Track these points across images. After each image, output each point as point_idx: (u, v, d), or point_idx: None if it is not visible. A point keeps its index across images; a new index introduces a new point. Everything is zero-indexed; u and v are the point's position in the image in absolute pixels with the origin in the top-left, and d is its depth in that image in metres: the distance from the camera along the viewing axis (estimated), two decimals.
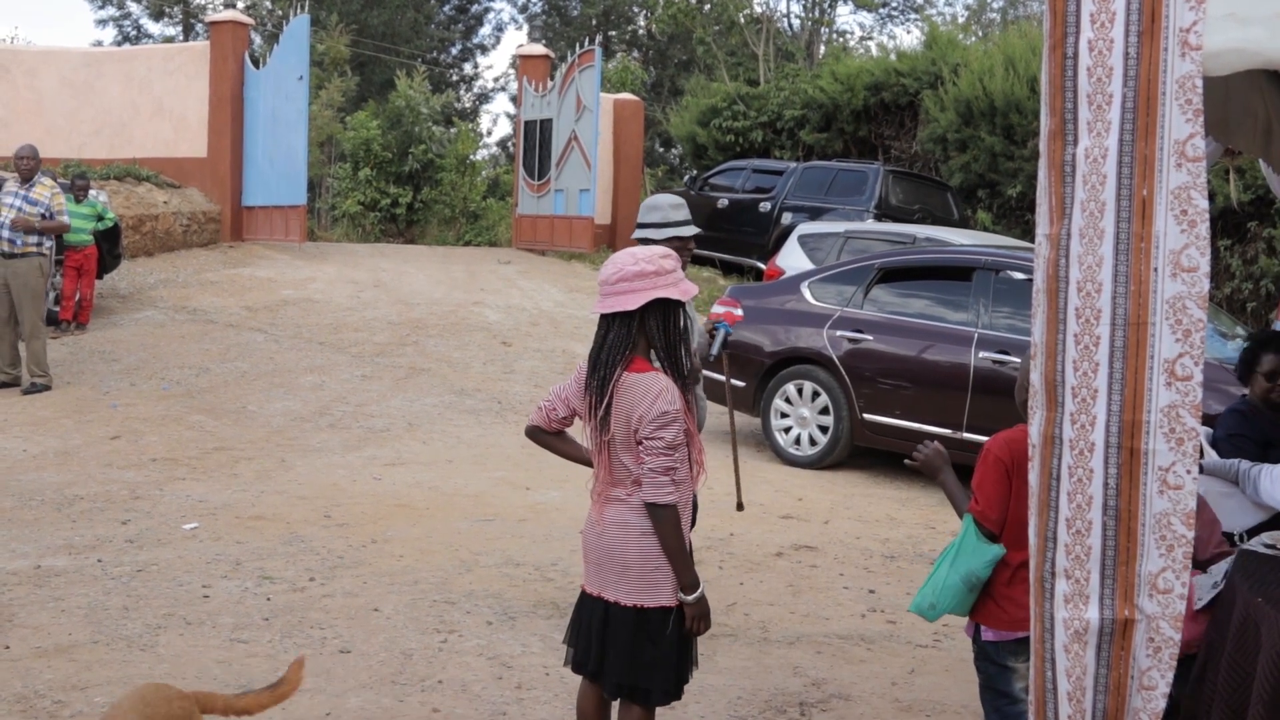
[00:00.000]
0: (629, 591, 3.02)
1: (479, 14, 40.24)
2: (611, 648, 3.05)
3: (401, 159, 21.60)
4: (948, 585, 3.07)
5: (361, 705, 3.98)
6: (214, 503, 6.45)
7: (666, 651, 3.03)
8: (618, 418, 3.00)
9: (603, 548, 3.07)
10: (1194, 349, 2.55)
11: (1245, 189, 12.30)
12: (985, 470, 3.07)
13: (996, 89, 15.93)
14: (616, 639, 3.04)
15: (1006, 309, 7.52)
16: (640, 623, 3.02)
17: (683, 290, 3.02)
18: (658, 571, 3.00)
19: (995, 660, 3.12)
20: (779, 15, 25.77)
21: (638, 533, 3.01)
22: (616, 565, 3.04)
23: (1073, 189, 2.62)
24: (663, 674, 3.04)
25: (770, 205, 15.48)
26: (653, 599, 3.01)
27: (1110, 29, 2.56)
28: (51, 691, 3.94)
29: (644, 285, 2.98)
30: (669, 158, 31.29)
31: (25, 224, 8.90)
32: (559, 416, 3.21)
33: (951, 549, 3.11)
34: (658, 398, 2.93)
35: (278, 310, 12.61)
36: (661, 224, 4.33)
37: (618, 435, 3.01)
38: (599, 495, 3.10)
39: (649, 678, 3.04)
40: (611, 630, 3.06)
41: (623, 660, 3.04)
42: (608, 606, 3.06)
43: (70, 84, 16.43)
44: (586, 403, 3.07)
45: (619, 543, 3.03)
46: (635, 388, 2.97)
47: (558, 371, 10.76)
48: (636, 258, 3.01)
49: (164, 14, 36.28)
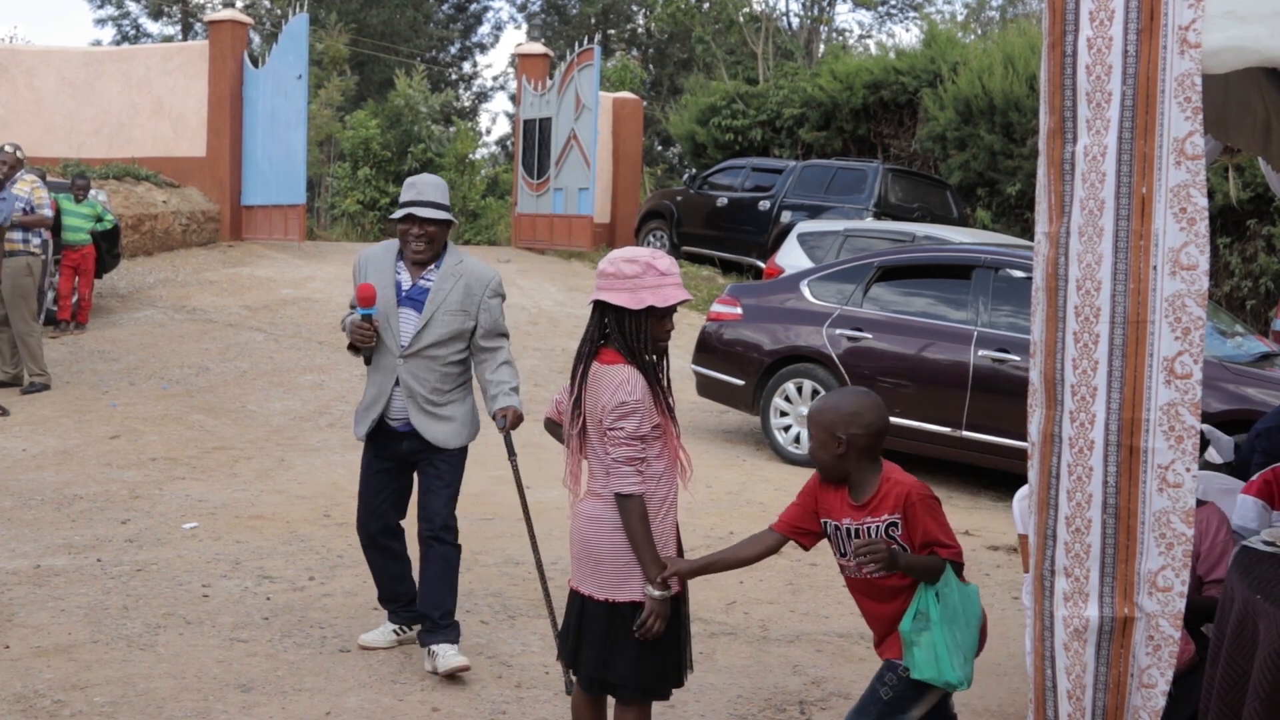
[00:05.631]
0: (601, 586, 3.03)
1: (478, 13, 40.22)
2: (585, 641, 3.06)
3: (401, 158, 21.61)
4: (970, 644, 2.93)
5: (361, 704, 3.98)
6: (213, 502, 6.45)
7: (638, 646, 3.00)
8: (589, 409, 3.03)
9: (578, 541, 3.08)
10: (1193, 347, 2.56)
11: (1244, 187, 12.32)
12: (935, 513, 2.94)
13: (995, 87, 15.93)
14: (589, 632, 3.05)
15: (1006, 307, 7.52)
16: (612, 617, 3.01)
17: (637, 299, 2.97)
18: (629, 566, 2.99)
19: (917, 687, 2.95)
20: (778, 14, 25.77)
21: (610, 527, 3.01)
22: (591, 559, 3.05)
23: (1072, 187, 2.62)
24: (634, 669, 3.02)
25: (769, 204, 15.48)
26: (624, 594, 3.01)
27: (1109, 27, 2.56)
28: (51, 691, 3.94)
29: (620, 284, 2.99)
30: (668, 156, 31.30)
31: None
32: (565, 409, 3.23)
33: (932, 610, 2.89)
34: (618, 388, 2.95)
35: (277, 309, 12.61)
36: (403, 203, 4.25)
37: (590, 426, 3.03)
38: (573, 488, 3.12)
39: (619, 672, 3.03)
40: (585, 623, 3.06)
41: (595, 654, 3.04)
42: (583, 600, 3.07)
43: (69, 83, 16.42)
44: (571, 389, 3.11)
45: (592, 537, 3.04)
46: (601, 378, 3.01)
47: (557, 370, 10.76)
48: (614, 257, 3.04)
49: (163, 13, 36.27)
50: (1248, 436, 4.41)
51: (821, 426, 2.99)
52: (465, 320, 4.25)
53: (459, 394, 4.32)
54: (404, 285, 4.27)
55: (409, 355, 4.22)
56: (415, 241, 4.22)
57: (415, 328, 4.22)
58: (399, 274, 4.29)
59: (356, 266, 4.37)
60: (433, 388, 4.24)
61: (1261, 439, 4.41)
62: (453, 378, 4.29)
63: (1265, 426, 4.51)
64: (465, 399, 4.35)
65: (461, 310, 4.24)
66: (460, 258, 4.33)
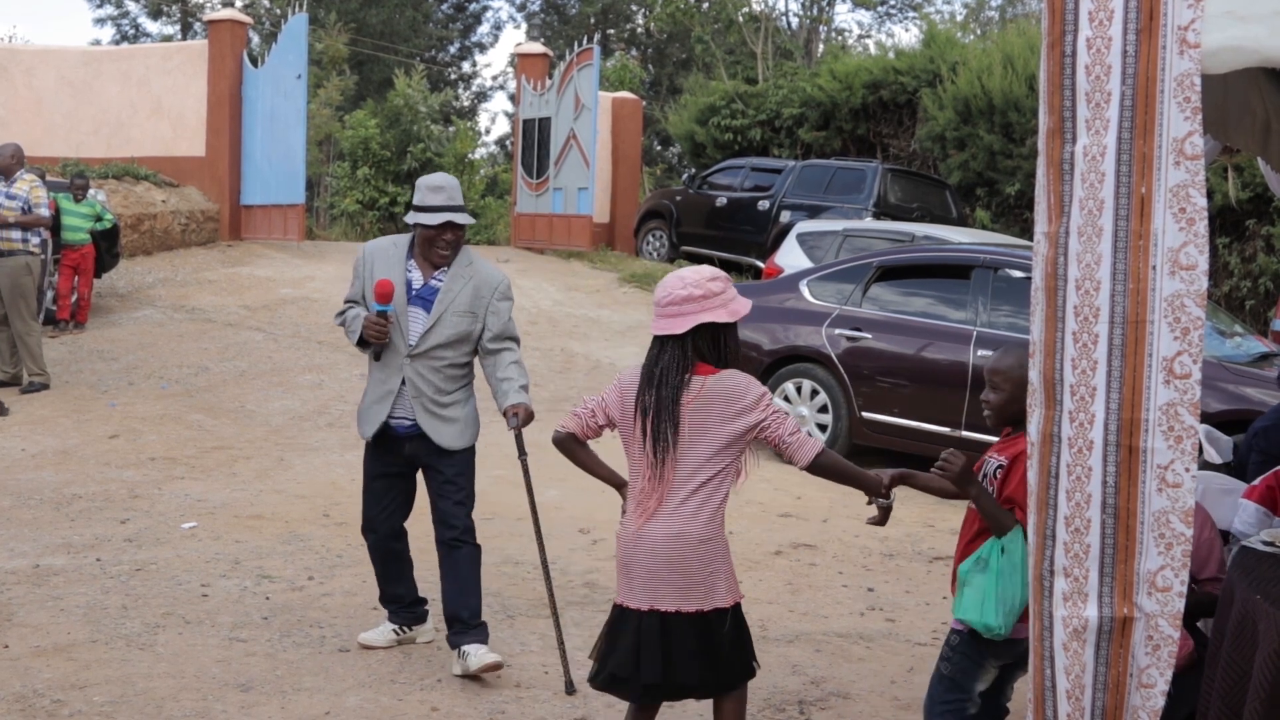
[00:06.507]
0: (692, 599, 3.09)
1: (477, 12, 40.21)
2: (680, 655, 3.10)
3: (400, 157, 21.59)
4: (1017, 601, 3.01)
5: (361, 704, 3.98)
6: (213, 502, 6.45)
7: (736, 639, 3.17)
8: (698, 422, 3.08)
9: (654, 561, 3.09)
10: (1192, 347, 2.55)
11: (1244, 187, 12.32)
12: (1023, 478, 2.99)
13: (995, 87, 15.94)
14: (682, 646, 3.09)
15: (1005, 307, 7.52)
16: (704, 625, 3.10)
17: (731, 311, 3.12)
18: (714, 576, 3.11)
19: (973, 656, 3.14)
20: (777, 13, 25.74)
21: (695, 541, 3.08)
22: (677, 575, 3.08)
23: (1071, 187, 2.62)
24: (742, 659, 3.19)
25: (769, 203, 15.48)
26: (711, 603, 3.11)
27: (1109, 27, 2.56)
28: (50, 690, 3.94)
29: (691, 309, 3.09)
30: (667, 156, 31.30)
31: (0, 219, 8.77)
32: (596, 424, 3.23)
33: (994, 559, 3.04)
34: (749, 384, 3.13)
35: (276, 309, 12.61)
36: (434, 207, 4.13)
37: (696, 443, 3.08)
38: (643, 510, 3.11)
39: (732, 670, 3.17)
40: (675, 639, 3.09)
41: (697, 664, 3.11)
42: (663, 617, 3.09)
43: (68, 83, 16.41)
44: (638, 419, 3.11)
45: (677, 553, 3.08)
46: (713, 388, 3.09)
47: (556, 370, 10.75)
48: (684, 281, 3.12)
49: (162, 13, 36.26)
50: (1245, 435, 4.41)
51: (1012, 381, 3.12)
52: (473, 322, 4.22)
53: (463, 394, 4.31)
54: (414, 284, 4.24)
55: (416, 355, 4.21)
56: (445, 248, 4.18)
57: (423, 327, 4.20)
58: (410, 272, 4.25)
59: (361, 260, 4.31)
60: (437, 388, 4.23)
61: (1259, 438, 4.41)
62: (457, 379, 4.28)
63: (1263, 425, 4.51)
64: (469, 400, 4.35)
65: (470, 312, 4.21)
66: (471, 259, 4.29)
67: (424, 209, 4.14)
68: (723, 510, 3.15)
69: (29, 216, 8.92)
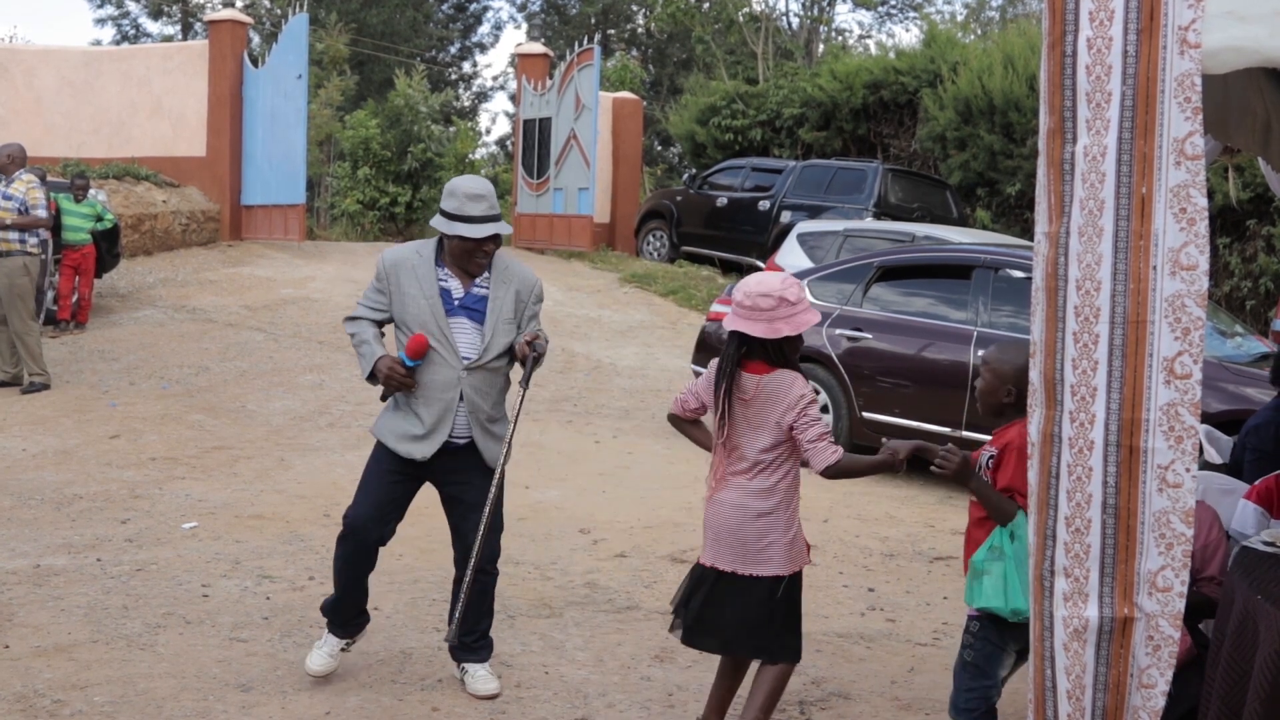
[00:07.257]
0: (745, 564, 3.47)
1: (478, 12, 40.26)
2: (730, 612, 3.48)
3: (400, 158, 21.61)
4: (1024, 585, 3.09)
5: (361, 704, 3.98)
6: (213, 502, 6.45)
7: (779, 616, 3.49)
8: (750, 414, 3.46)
9: (721, 524, 3.50)
10: (1193, 347, 2.56)
11: (1244, 187, 12.32)
12: (1021, 464, 3.03)
13: (995, 87, 15.94)
14: (733, 603, 3.48)
15: (1006, 307, 7.52)
16: (751, 588, 3.46)
17: (794, 325, 3.39)
18: (771, 548, 3.46)
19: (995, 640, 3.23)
20: (778, 14, 25.77)
21: (754, 513, 3.46)
22: (735, 541, 3.48)
23: (1072, 187, 2.62)
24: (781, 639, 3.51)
25: (769, 204, 15.48)
26: (762, 570, 3.46)
27: (1109, 27, 2.56)
28: (51, 691, 3.94)
29: (758, 316, 3.40)
30: (668, 156, 31.31)
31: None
32: (691, 407, 3.66)
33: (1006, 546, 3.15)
34: (794, 383, 3.44)
35: (277, 309, 12.61)
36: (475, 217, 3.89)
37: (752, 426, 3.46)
38: (720, 478, 3.54)
39: (769, 639, 3.50)
40: (727, 596, 3.48)
41: (739, 622, 3.48)
42: (720, 575, 3.49)
43: (69, 83, 16.42)
44: (716, 400, 3.51)
45: (736, 521, 3.48)
46: (769, 385, 3.44)
47: (557, 370, 10.75)
48: (763, 291, 3.40)
49: (163, 13, 36.30)
50: (1239, 434, 4.41)
51: (999, 376, 3.32)
52: (513, 330, 4.01)
53: (504, 411, 4.11)
54: (454, 293, 3.97)
55: (475, 368, 3.96)
56: (485, 258, 3.95)
57: (479, 339, 3.96)
58: (444, 281, 3.97)
59: (383, 272, 3.99)
60: (494, 401, 4.03)
61: (1252, 436, 4.42)
62: (503, 390, 4.10)
63: (1256, 423, 4.51)
64: (506, 419, 4.11)
65: (513, 319, 4.01)
66: (506, 262, 4.07)
67: (465, 219, 3.86)
68: (785, 489, 3.48)
69: (25, 218, 8.88)
